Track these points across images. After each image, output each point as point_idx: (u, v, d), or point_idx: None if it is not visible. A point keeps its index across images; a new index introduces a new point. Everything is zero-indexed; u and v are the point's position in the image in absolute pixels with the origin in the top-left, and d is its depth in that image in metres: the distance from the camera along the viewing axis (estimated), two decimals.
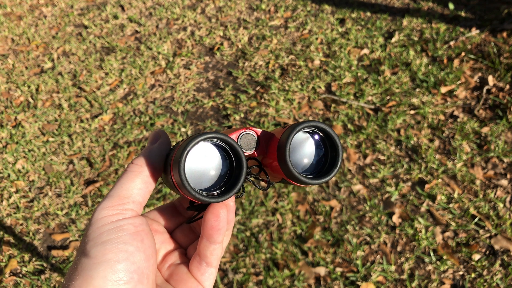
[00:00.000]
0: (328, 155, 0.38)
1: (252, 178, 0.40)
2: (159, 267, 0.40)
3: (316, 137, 0.39)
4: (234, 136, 0.39)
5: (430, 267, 1.38)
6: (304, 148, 0.38)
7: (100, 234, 0.33)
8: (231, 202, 0.36)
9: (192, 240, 0.42)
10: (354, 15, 2.52)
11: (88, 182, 1.80)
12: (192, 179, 0.35)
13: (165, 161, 0.38)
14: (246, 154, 0.39)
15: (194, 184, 0.35)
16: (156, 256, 0.36)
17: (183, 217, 0.43)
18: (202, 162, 0.36)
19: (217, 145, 0.36)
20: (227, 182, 0.36)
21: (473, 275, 1.35)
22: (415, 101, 1.92)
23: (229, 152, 0.36)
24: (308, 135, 0.39)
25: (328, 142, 0.38)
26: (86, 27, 2.75)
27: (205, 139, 0.35)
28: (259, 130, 0.40)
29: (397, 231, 1.48)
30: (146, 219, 0.41)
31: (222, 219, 0.35)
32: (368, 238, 1.47)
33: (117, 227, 0.33)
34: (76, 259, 0.33)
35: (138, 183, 0.36)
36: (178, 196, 0.44)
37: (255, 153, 0.40)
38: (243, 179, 0.35)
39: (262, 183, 0.62)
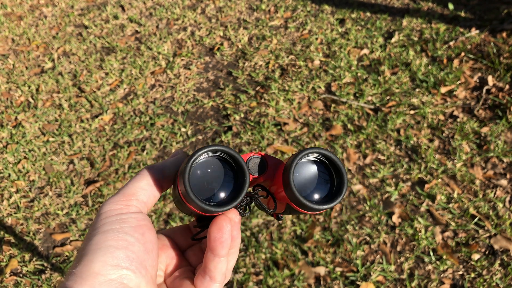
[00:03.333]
0: (333, 181, 0.39)
1: (258, 198, 0.41)
2: (166, 280, 0.41)
3: (321, 164, 0.40)
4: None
5: (429, 267, 1.39)
6: (310, 175, 0.39)
7: (103, 224, 0.34)
8: (235, 218, 0.37)
9: (202, 260, 0.43)
10: (354, 15, 2.52)
11: (89, 182, 1.80)
12: (196, 191, 0.36)
13: (175, 176, 0.40)
14: (252, 177, 0.40)
15: (197, 194, 0.36)
16: (157, 254, 0.36)
17: (198, 240, 0.45)
18: (207, 175, 0.37)
19: (223, 160, 0.38)
20: (229, 196, 0.37)
21: (472, 274, 1.35)
22: (415, 101, 1.93)
23: (233, 167, 0.38)
24: (313, 164, 0.40)
25: (333, 168, 0.39)
26: (86, 27, 2.76)
27: (210, 151, 0.36)
28: (269, 156, 0.41)
29: (397, 231, 1.48)
30: (160, 235, 0.43)
31: (225, 231, 0.35)
32: (368, 238, 1.48)
33: (120, 219, 0.35)
34: (80, 247, 0.34)
35: (144, 184, 0.38)
36: (192, 219, 0.46)
37: (262, 177, 0.40)
38: (245, 190, 0.36)
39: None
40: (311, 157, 0.39)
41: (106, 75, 2.35)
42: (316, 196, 0.39)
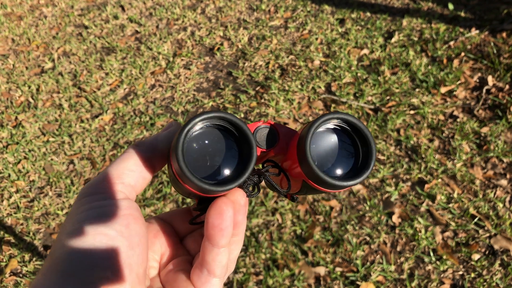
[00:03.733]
0: (359, 152, 0.33)
1: (268, 175, 0.34)
2: (160, 272, 0.36)
3: (343, 132, 0.33)
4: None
5: (429, 267, 1.39)
6: (330, 146, 0.33)
7: (80, 213, 0.29)
8: (241, 200, 0.31)
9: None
10: (354, 15, 2.52)
11: None
12: (193, 167, 0.30)
13: (169, 152, 0.34)
14: (261, 151, 0.34)
15: (194, 171, 0.30)
16: (146, 247, 0.31)
17: (197, 224, 0.39)
18: (205, 148, 0.31)
19: (224, 130, 0.32)
20: (233, 173, 0.31)
21: (472, 275, 1.35)
22: (414, 101, 1.93)
23: (238, 139, 0.31)
24: (335, 131, 0.33)
25: (359, 138, 0.33)
26: (86, 27, 2.76)
27: (208, 119, 0.30)
28: (280, 125, 0.35)
29: (397, 231, 1.48)
30: (153, 221, 0.37)
31: (226, 217, 0.30)
32: (368, 238, 1.48)
33: (99, 207, 0.29)
34: (56, 238, 0.29)
35: (131, 164, 0.32)
36: (194, 203, 0.40)
37: (272, 151, 0.34)
38: (252, 165, 0.30)
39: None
40: (331, 125, 0.33)
41: (106, 75, 2.35)
42: (339, 171, 0.33)
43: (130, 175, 0.32)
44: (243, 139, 0.31)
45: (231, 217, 0.30)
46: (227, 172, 0.31)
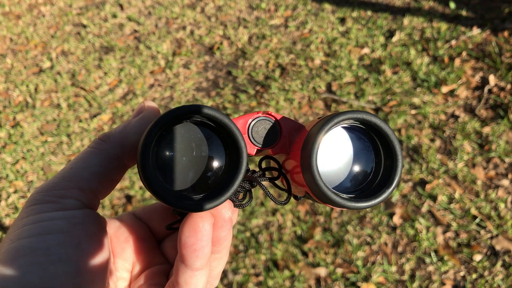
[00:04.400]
0: (380, 164, 0.25)
1: (265, 182, 0.27)
2: (131, 284, 0.30)
3: (364, 136, 0.26)
4: (242, 121, 0.27)
5: (431, 268, 1.38)
6: (345, 153, 0.25)
7: (22, 227, 0.23)
8: (226, 213, 0.25)
9: None
10: (354, 14, 2.51)
11: None
12: (167, 175, 0.24)
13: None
14: (257, 149, 0.27)
15: (169, 182, 0.24)
16: (105, 268, 0.25)
17: (175, 230, 0.33)
18: (184, 152, 0.24)
19: (208, 127, 0.25)
20: (218, 183, 0.25)
21: (474, 275, 1.34)
22: (416, 100, 1.92)
23: (225, 139, 0.25)
24: (351, 134, 0.26)
25: (382, 144, 0.25)
26: (85, 26, 2.74)
27: (181, 116, 0.23)
28: (284, 119, 0.28)
29: (398, 231, 1.47)
30: (127, 219, 0.30)
31: (202, 235, 0.23)
32: (368, 239, 1.47)
33: (46, 220, 0.23)
34: None
35: (95, 164, 0.26)
36: None
37: (271, 150, 0.27)
38: (240, 179, 0.23)
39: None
40: (345, 124, 0.25)
41: (104, 75, 2.33)
42: (351, 187, 0.25)
43: (91, 179, 0.25)
44: (229, 140, 0.24)
45: (208, 236, 0.24)
46: (209, 181, 0.25)
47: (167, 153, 0.24)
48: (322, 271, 1.39)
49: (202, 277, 0.25)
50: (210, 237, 0.24)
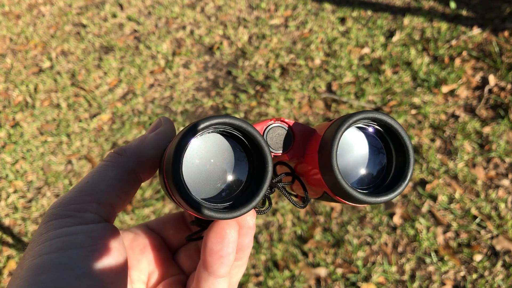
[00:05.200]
0: (392, 160, 0.27)
1: (284, 188, 0.29)
2: None
3: (375, 134, 0.27)
4: (257, 129, 0.28)
5: (431, 268, 1.38)
6: (358, 151, 0.27)
7: (43, 243, 0.23)
8: (250, 221, 0.26)
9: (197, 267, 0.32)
10: (354, 14, 2.51)
11: None
12: (192, 184, 0.25)
13: (162, 156, 0.28)
14: (273, 155, 0.29)
15: (195, 191, 0.25)
16: (125, 281, 0.25)
17: (195, 240, 0.33)
18: (209, 161, 0.25)
19: (231, 137, 0.26)
20: (243, 191, 0.26)
21: (474, 276, 1.34)
22: (416, 100, 1.91)
23: (248, 148, 0.26)
24: (362, 133, 0.27)
25: (393, 142, 0.27)
26: (84, 26, 2.74)
27: (210, 127, 0.24)
28: (296, 124, 0.30)
29: (398, 231, 1.47)
30: (140, 232, 0.31)
31: (229, 242, 0.24)
32: (368, 239, 1.46)
33: (66, 235, 0.23)
34: (16, 269, 0.24)
35: (111, 178, 0.26)
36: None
37: (287, 155, 0.29)
38: (266, 186, 0.24)
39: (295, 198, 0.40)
40: (360, 124, 0.27)
41: (104, 75, 2.33)
42: (367, 182, 0.27)
43: (109, 192, 0.26)
44: (255, 150, 0.25)
45: (234, 243, 0.24)
46: (234, 190, 0.25)
47: (195, 161, 0.25)
48: (322, 271, 1.39)
49: (224, 284, 0.26)
50: (236, 244, 0.25)
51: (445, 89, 1.94)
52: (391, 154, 0.27)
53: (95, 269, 0.23)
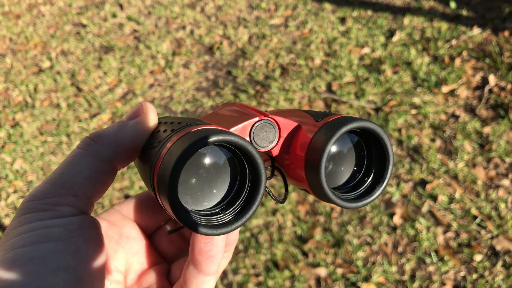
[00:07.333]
0: (371, 165, 0.28)
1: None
2: None
3: (356, 139, 0.28)
4: (241, 127, 0.27)
5: (431, 268, 1.37)
6: (341, 154, 0.27)
7: (17, 236, 0.22)
8: None
9: (181, 250, 0.31)
10: (355, 13, 2.50)
11: None
12: (184, 194, 0.24)
13: (145, 146, 0.27)
14: (259, 151, 0.28)
15: (187, 203, 0.24)
16: (103, 272, 0.24)
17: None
18: (200, 175, 0.25)
19: (222, 146, 0.25)
20: (234, 200, 0.25)
21: (474, 276, 1.34)
22: (416, 100, 1.91)
23: (239, 156, 0.25)
24: (347, 136, 0.28)
25: (375, 148, 0.27)
26: (84, 26, 2.74)
27: (208, 144, 0.23)
28: (281, 120, 0.29)
29: (398, 231, 1.47)
30: (100, 220, 0.29)
31: (217, 242, 0.24)
32: (369, 239, 1.46)
33: (41, 228, 0.22)
34: None
35: (87, 167, 0.25)
36: None
37: (272, 151, 0.29)
38: (260, 198, 0.24)
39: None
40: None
41: (104, 74, 2.33)
42: (346, 184, 0.28)
43: (85, 184, 0.24)
44: (248, 163, 0.25)
45: (223, 242, 0.24)
46: (224, 200, 0.25)
47: (191, 175, 0.24)
48: (322, 271, 1.39)
49: (213, 281, 0.26)
50: (224, 243, 0.25)
51: (445, 89, 1.94)
52: (372, 159, 0.28)
53: (72, 262, 0.22)
